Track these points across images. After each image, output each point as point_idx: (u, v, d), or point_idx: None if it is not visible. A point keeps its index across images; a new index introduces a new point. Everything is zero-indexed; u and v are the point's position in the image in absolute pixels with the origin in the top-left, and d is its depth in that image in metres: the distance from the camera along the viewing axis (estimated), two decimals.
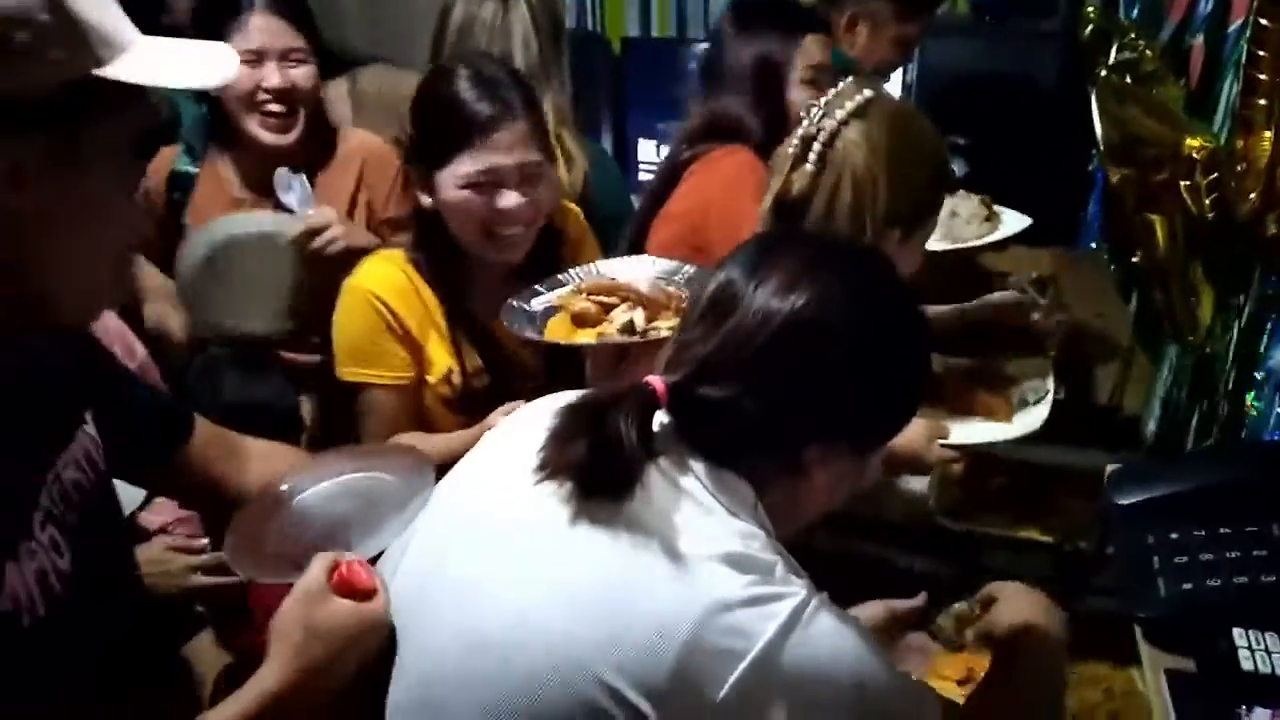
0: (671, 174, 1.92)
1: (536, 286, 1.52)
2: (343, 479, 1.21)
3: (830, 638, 0.86)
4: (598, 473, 0.88)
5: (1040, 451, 1.72)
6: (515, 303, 1.48)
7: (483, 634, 0.88)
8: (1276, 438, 1.38)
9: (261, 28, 1.82)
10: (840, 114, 1.37)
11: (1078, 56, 2.16)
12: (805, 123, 1.40)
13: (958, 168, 2.48)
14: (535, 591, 0.88)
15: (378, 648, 0.94)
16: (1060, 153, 2.80)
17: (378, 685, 0.94)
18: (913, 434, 1.48)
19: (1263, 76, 1.38)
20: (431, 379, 1.60)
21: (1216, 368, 1.67)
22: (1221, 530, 1.04)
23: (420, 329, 1.59)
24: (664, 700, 0.83)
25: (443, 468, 1.11)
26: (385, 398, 1.59)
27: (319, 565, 0.95)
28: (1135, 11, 2.53)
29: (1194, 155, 1.47)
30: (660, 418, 0.92)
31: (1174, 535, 1.05)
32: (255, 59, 1.82)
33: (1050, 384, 1.66)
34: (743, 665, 0.82)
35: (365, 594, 0.95)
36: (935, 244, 1.62)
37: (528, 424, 1.02)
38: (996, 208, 2.13)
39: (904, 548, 1.58)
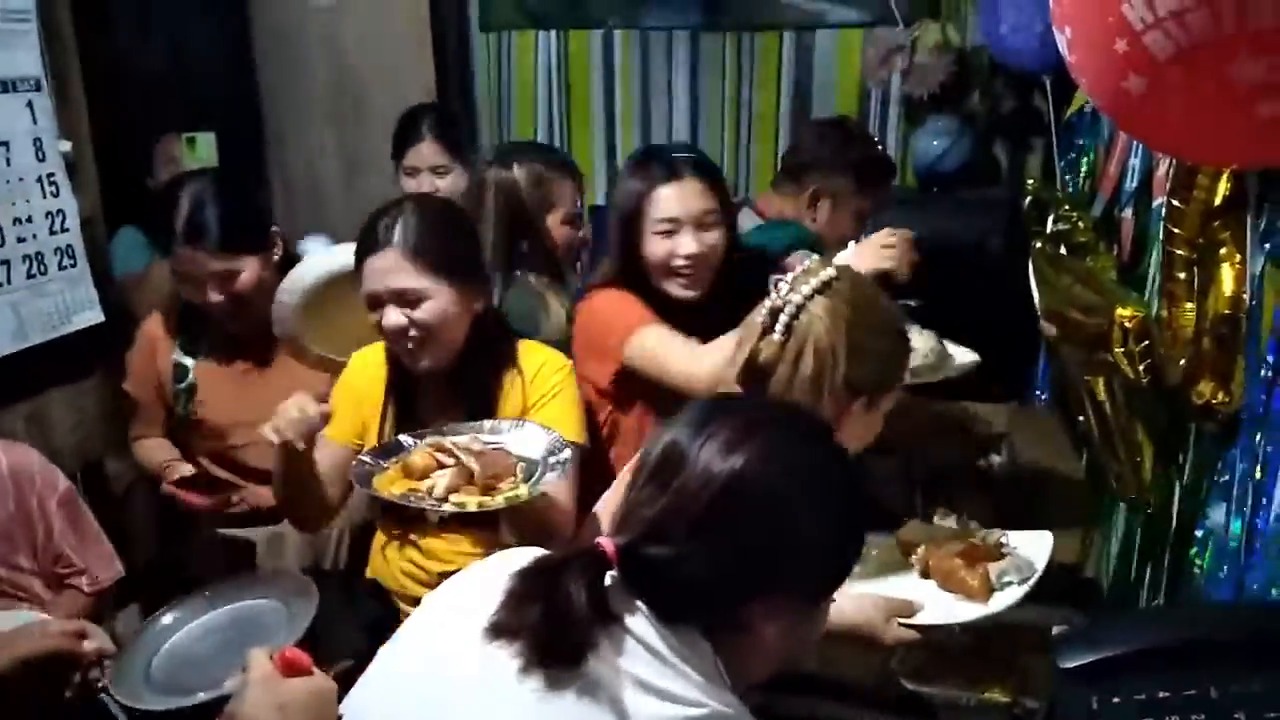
0: None
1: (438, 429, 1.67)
2: (225, 608, 1.28)
3: None
4: (552, 640, 0.92)
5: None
6: (400, 437, 1.66)
7: None
8: (1219, 596, 1.41)
9: None
10: (806, 289, 1.45)
11: (1021, 224, 2.29)
12: (773, 295, 1.48)
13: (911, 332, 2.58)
14: None
15: (334, 712, 0.99)
16: (1009, 312, 2.91)
17: None
18: (871, 612, 1.49)
19: (1180, 252, 1.49)
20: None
21: (1161, 526, 1.71)
22: (1161, 694, 1.06)
23: (371, 407, 1.82)
24: None
25: None
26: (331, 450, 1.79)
27: (261, 656, 0.98)
28: (1071, 183, 2.69)
29: (1125, 324, 1.55)
30: (611, 576, 0.96)
31: (1115, 699, 1.06)
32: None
33: (1041, 565, 1.55)
34: None
35: (308, 671, 1.00)
36: None
37: (480, 584, 1.05)
38: (946, 343, 2.03)
39: (865, 707, 1.58)
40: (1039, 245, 1.91)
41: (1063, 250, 2.01)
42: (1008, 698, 1.55)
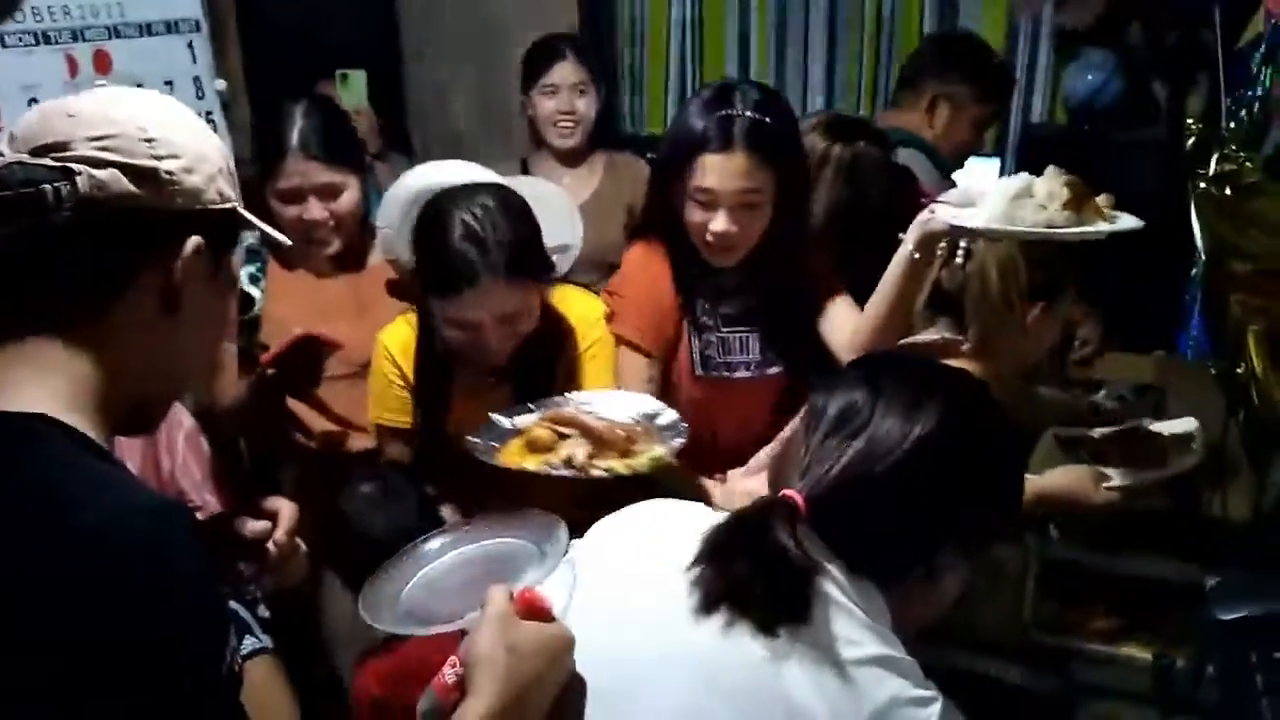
0: None
1: (525, 405, 1.69)
2: (479, 544, 1.28)
3: None
4: (773, 594, 0.96)
5: (1139, 562, 1.69)
6: (493, 417, 1.65)
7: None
8: None
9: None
10: None
11: (1179, 166, 2.16)
12: (929, 219, 1.55)
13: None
14: (706, 704, 0.95)
15: (571, 667, 0.96)
16: (1161, 261, 2.77)
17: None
18: (1076, 480, 1.60)
19: None
20: None
21: None
22: None
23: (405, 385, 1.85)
24: None
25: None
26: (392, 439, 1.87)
27: (501, 594, 0.96)
28: (1237, 121, 2.52)
29: None
30: (802, 528, 0.99)
31: (1277, 654, 1.03)
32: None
33: (1196, 427, 1.73)
34: None
35: (548, 616, 0.97)
36: (992, 224, 1.48)
37: (663, 534, 1.09)
38: (1104, 202, 1.56)
39: (996, 659, 1.56)
40: (1202, 186, 1.80)
41: (1228, 192, 1.89)
42: (1149, 653, 1.50)
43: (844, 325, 1.83)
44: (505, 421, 1.66)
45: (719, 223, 1.77)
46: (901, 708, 0.94)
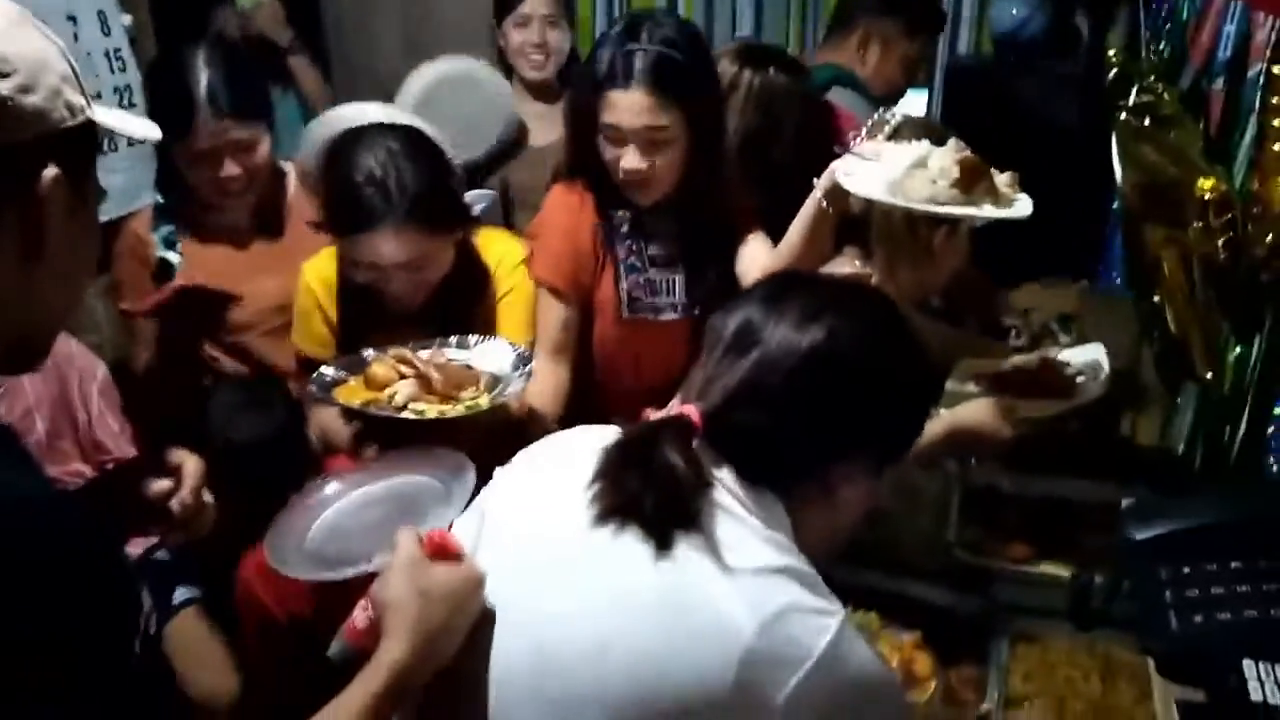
0: None
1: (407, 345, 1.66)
2: (385, 483, 1.27)
3: (864, 649, 0.97)
4: (663, 507, 0.95)
5: (1057, 485, 1.75)
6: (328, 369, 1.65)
7: (560, 662, 0.95)
8: None
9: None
10: (881, 138, 1.62)
11: (1100, 98, 2.20)
12: (853, 149, 1.59)
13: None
14: (605, 621, 0.95)
15: (482, 604, 0.98)
16: (1082, 191, 2.83)
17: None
18: (986, 414, 1.58)
19: (1277, 123, 1.42)
20: None
21: (1233, 406, 1.69)
22: (1233, 564, 1.06)
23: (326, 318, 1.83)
24: (729, 707, 0.90)
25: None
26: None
27: (409, 538, 0.97)
28: (1156, 54, 2.56)
29: (1208, 197, 1.50)
30: (696, 443, 1.00)
31: (1186, 570, 1.07)
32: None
33: (1105, 360, 1.80)
34: (802, 671, 0.91)
35: (458, 557, 0.99)
36: (877, 195, 1.52)
37: (565, 457, 1.09)
38: (1003, 182, 1.56)
39: (919, 580, 1.60)
40: (1123, 118, 1.83)
41: (1146, 123, 1.92)
42: (1067, 572, 1.56)
43: (756, 263, 1.83)
44: (369, 354, 1.65)
45: (629, 159, 1.75)
46: (797, 614, 0.94)
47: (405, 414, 1.50)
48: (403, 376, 1.57)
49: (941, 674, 1.41)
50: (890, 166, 1.54)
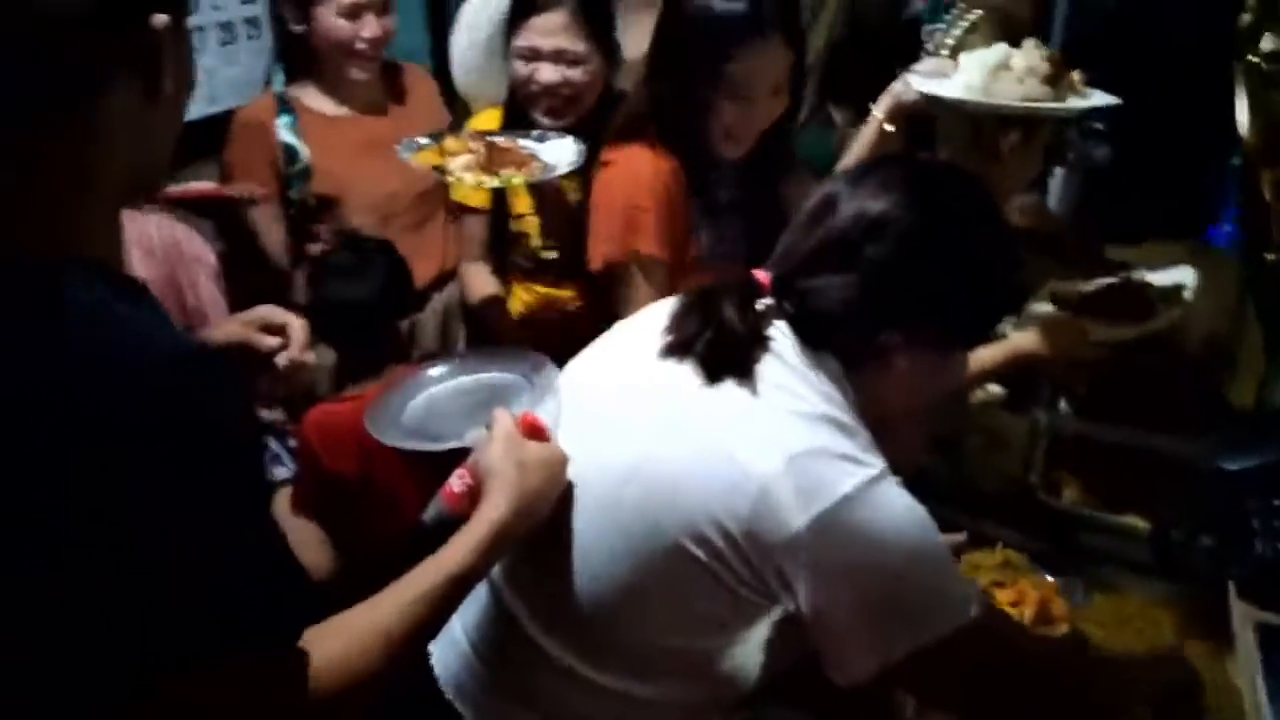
0: None
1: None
2: (474, 376, 1.36)
3: (900, 509, 0.97)
4: (718, 355, 1.02)
5: (1147, 438, 1.72)
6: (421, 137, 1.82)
7: (612, 469, 1.03)
8: None
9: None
10: (957, 33, 1.63)
11: (1229, 43, 2.10)
12: (928, 44, 1.62)
13: (1099, 152, 2.45)
14: (641, 444, 1.03)
15: (565, 481, 1.06)
16: (1200, 149, 2.72)
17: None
18: (1060, 333, 1.57)
19: None
20: None
21: None
22: None
23: None
24: (746, 527, 0.94)
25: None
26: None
27: (506, 416, 1.06)
28: None
29: None
30: (762, 303, 1.06)
31: (1276, 501, 1.07)
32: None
33: (1190, 276, 1.70)
34: (822, 508, 0.93)
35: (546, 437, 1.08)
36: (968, 95, 1.51)
37: (650, 320, 1.16)
38: (1077, 78, 1.59)
39: (997, 520, 1.60)
40: (1254, 60, 1.75)
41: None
42: (1147, 522, 1.55)
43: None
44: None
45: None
46: (830, 457, 0.95)
47: (448, 177, 1.73)
48: (471, 152, 1.75)
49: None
50: (969, 74, 1.53)
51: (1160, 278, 1.74)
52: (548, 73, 1.86)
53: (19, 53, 0.74)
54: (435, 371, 1.39)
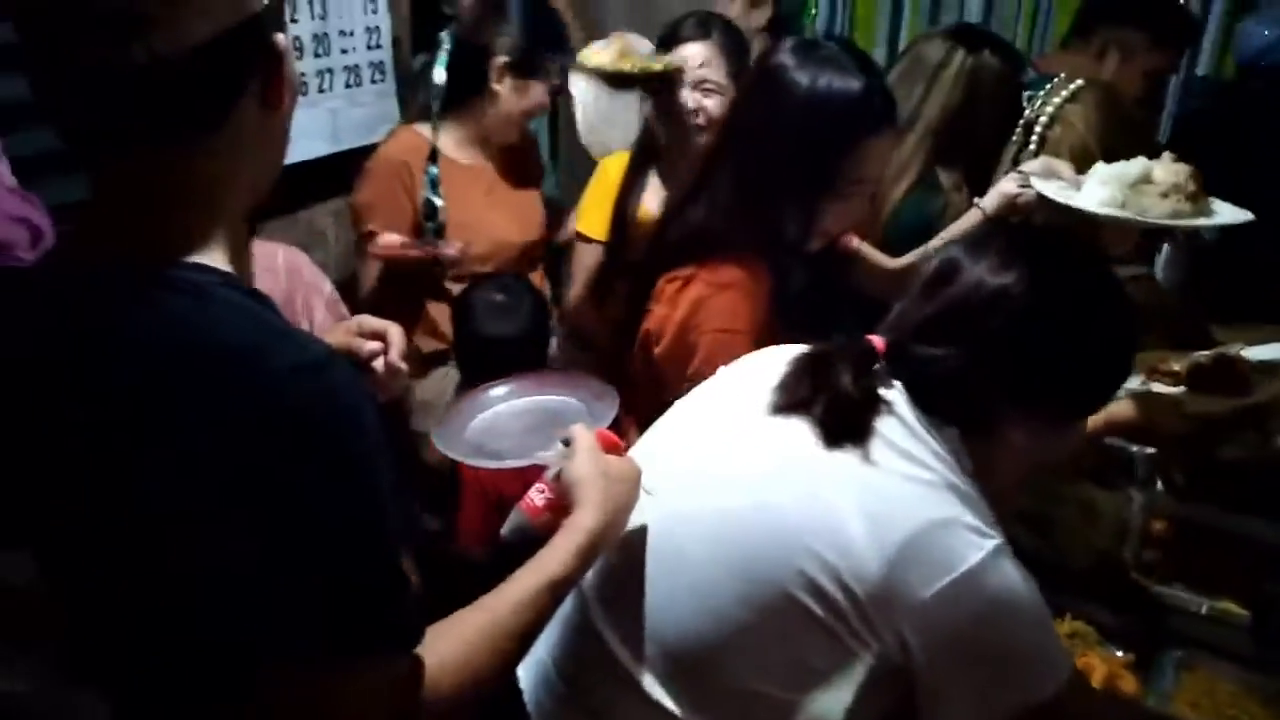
0: None
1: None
2: (534, 398, 1.41)
3: (1018, 580, 0.98)
4: (834, 421, 1.04)
5: (1246, 523, 1.67)
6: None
7: (729, 511, 1.05)
8: None
9: None
10: (1057, 100, 1.68)
11: None
12: (1027, 110, 1.64)
13: (1207, 230, 2.41)
14: (777, 489, 1.04)
15: (639, 494, 1.10)
16: None
17: None
18: (1151, 405, 1.58)
19: None
20: None
21: None
22: None
23: None
24: (872, 590, 0.96)
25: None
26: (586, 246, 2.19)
27: (586, 431, 1.10)
28: None
29: None
30: (877, 368, 1.06)
31: None
32: None
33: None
34: (950, 578, 0.95)
35: (621, 452, 1.12)
36: (1112, 210, 1.52)
37: (758, 371, 1.18)
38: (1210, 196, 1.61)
39: (1086, 598, 1.57)
40: None
41: None
42: (1241, 609, 1.49)
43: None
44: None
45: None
46: (960, 528, 0.97)
47: (590, 63, 2.04)
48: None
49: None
50: (1105, 187, 1.53)
51: (1258, 354, 1.71)
52: (686, 98, 2.01)
53: (172, 75, 0.79)
54: (499, 391, 1.45)
